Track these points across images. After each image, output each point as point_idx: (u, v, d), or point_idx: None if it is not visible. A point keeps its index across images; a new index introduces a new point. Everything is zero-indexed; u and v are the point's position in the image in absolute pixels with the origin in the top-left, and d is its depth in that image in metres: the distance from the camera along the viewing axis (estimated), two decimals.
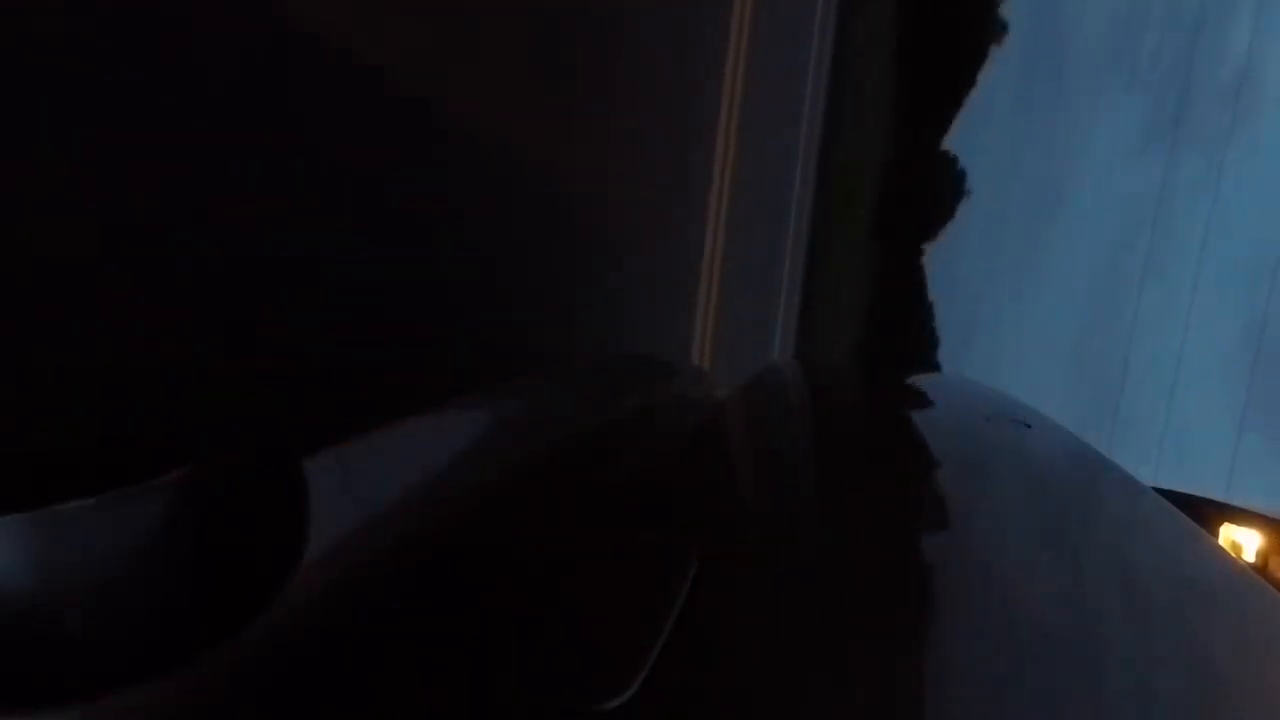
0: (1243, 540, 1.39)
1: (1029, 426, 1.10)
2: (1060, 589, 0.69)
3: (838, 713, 0.49)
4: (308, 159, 1.41)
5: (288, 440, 0.52)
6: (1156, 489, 1.07)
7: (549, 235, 2.47)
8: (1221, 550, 1.06)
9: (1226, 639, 0.69)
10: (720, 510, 0.79)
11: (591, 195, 2.85)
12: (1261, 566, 1.37)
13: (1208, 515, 1.33)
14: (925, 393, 1.37)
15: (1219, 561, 0.89)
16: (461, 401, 0.81)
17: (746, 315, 6.77)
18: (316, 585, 0.50)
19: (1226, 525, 1.39)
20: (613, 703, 0.45)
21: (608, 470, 0.89)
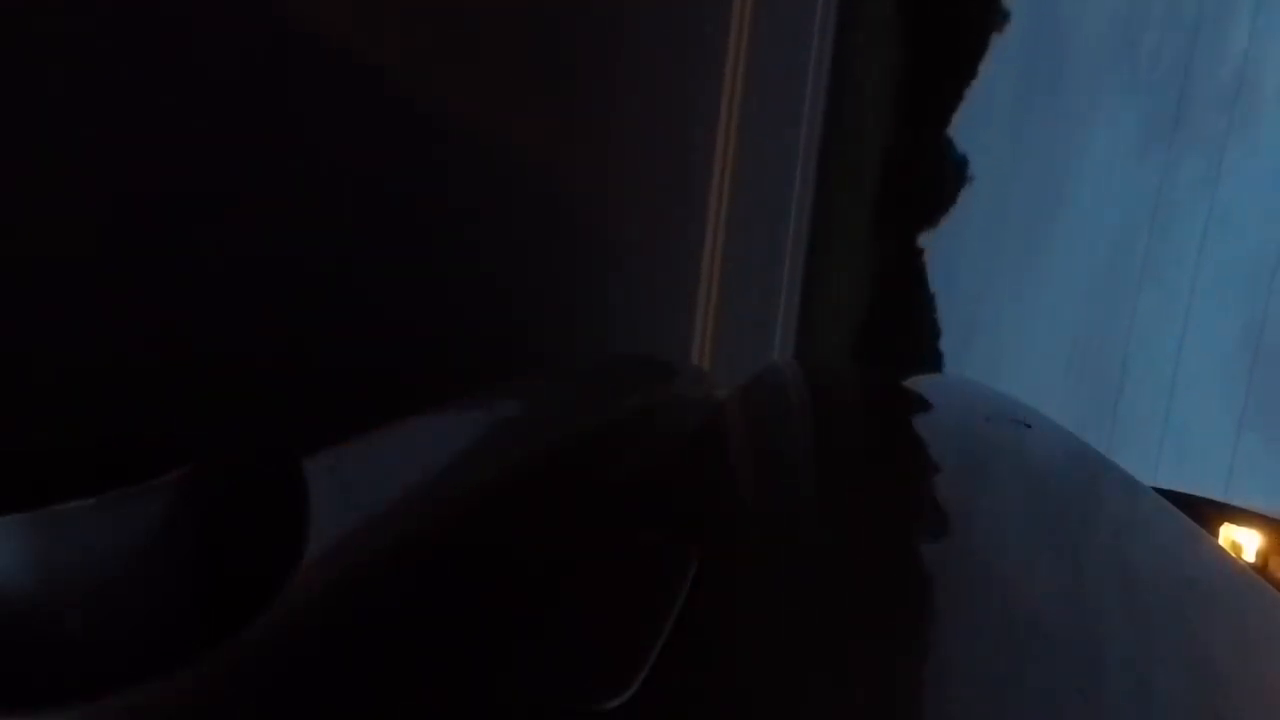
0: (1243, 540, 1.39)
1: (1029, 426, 1.10)
2: (1060, 589, 0.69)
3: (838, 713, 0.49)
4: (308, 159, 1.41)
5: (288, 440, 0.52)
6: (1156, 489, 1.07)
7: (549, 235, 2.47)
8: (1221, 550, 1.06)
9: (1226, 639, 0.69)
10: (720, 510, 0.79)
11: (591, 195, 2.85)
12: (1261, 566, 1.37)
13: (1208, 515, 1.33)
14: (925, 393, 1.37)
15: (1219, 561, 0.89)
16: (461, 401, 0.81)
17: (746, 315, 6.77)
18: (316, 585, 0.50)
19: (1226, 525, 1.39)
20: (613, 703, 0.45)
21: (608, 470, 0.89)
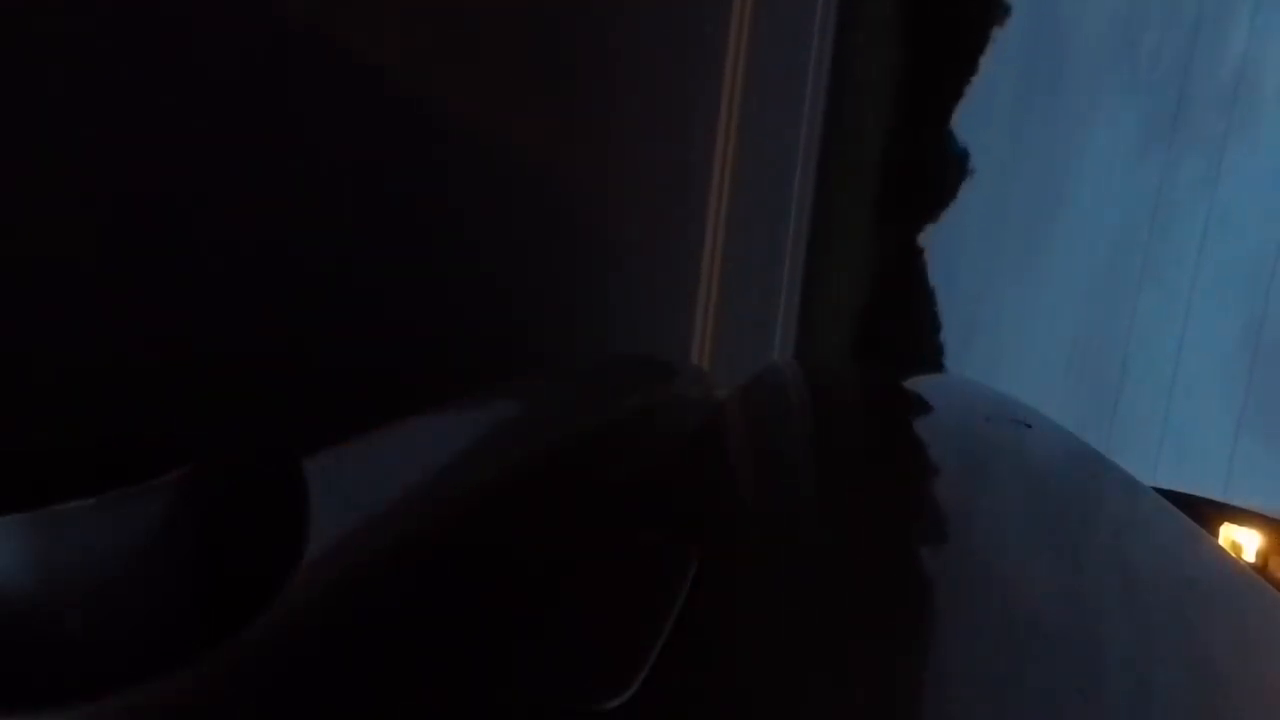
0: (1243, 540, 1.39)
1: (1029, 426, 1.10)
2: (1060, 589, 0.69)
3: (838, 713, 0.49)
4: (308, 159, 1.41)
5: (288, 440, 0.52)
6: (1156, 489, 1.07)
7: (549, 235, 2.47)
8: (1221, 550, 1.06)
9: (1226, 639, 0.69)
10: (720, 510, 0.79)
11: (591, 195, 2.85)
12: (1261, 566, 1.37)
13: (1208, 515, 1.33)
14: (925, 393, 1.37)
15: (1219, 561, 0.89)
16: (461, 401, 0.81)
17: (746, 315, 6.76)
18: (316, 585, 0.50)
19: (1226, 525, 1.39)
20: (613, 703, 0.45)
21: (608, 470, 0.89)
